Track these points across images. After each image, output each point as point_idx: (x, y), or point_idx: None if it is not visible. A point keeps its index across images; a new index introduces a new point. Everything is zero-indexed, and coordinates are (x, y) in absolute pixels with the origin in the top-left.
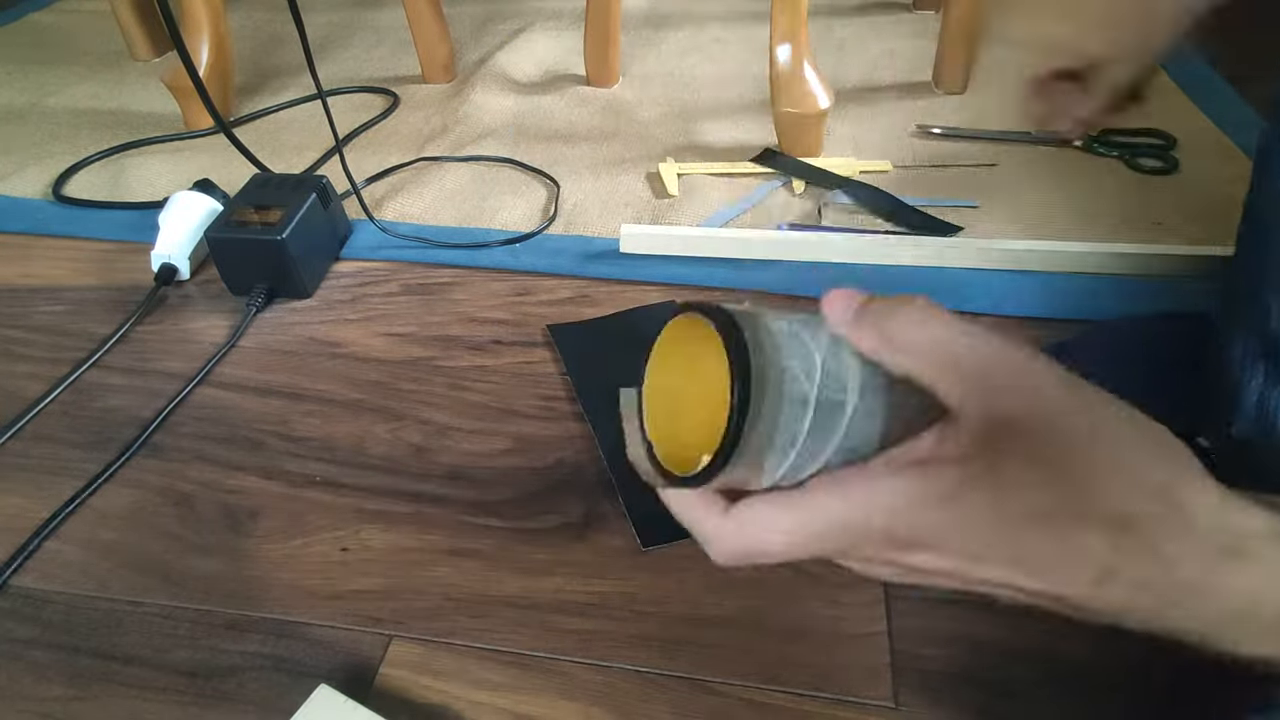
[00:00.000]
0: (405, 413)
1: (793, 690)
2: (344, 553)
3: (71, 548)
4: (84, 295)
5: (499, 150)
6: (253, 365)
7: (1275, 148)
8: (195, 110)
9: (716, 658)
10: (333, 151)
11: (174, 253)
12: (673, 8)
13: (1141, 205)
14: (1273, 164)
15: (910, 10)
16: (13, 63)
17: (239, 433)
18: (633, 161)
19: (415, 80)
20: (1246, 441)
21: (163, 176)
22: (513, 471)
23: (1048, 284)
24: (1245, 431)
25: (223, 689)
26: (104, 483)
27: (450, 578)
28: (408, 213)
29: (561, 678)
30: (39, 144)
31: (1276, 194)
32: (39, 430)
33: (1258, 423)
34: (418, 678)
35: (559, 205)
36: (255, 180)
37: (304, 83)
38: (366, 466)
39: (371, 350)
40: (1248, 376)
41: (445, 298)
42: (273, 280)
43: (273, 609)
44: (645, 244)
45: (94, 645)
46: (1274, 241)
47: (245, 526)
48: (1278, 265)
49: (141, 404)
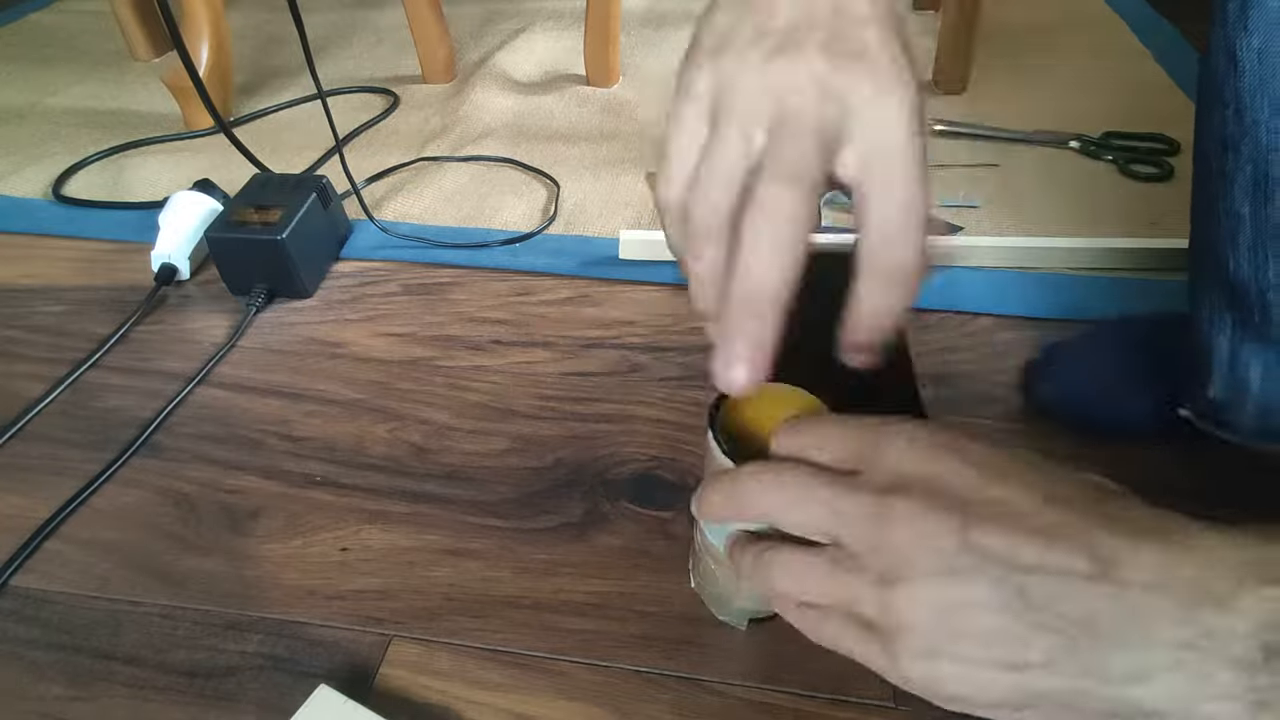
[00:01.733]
0: (405, 413)
1: (793, 690)
2: (344, 553)
3: (71, 548)
4: (84, 295)
5: (499, 150)
6: (253, 365)
7: (1212, 88)
8: (195, 110)
9: (716, 658)
10: (333, 151)
11: (174, 253)
12: (673, 8)
13: (1141, 205)
14: (1213, 107)
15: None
16: (13, 63)
17: (239, 433)
18: (633, 161)
19: (415, 80)
20: (1224, 403)
21: (163, 176)
22: (513, 471)
23: (1048, 284)
24: (1221, 391)
25: (223, 689)
26: (104, 483)
27: (450, 578)
28: (408, 213)
29: (561, 678)
30: (39, 144)
31: (1217, 137)
32: (39, 430)
33: (1231, 379)
34: (418, 678)
35: (559, 205)
36: (255, 180)
37: (304, 83)
38: (366, 466)
39: (371, 350)
40: (1216, 332)
41: (445, 298)
42: (273, 280)
43: (273, 609)
44: (644, 250)
45: (94, 645)
46: (1220, 189)
47: (245, 526)
48: (1228, 213)
49: (141, 404)
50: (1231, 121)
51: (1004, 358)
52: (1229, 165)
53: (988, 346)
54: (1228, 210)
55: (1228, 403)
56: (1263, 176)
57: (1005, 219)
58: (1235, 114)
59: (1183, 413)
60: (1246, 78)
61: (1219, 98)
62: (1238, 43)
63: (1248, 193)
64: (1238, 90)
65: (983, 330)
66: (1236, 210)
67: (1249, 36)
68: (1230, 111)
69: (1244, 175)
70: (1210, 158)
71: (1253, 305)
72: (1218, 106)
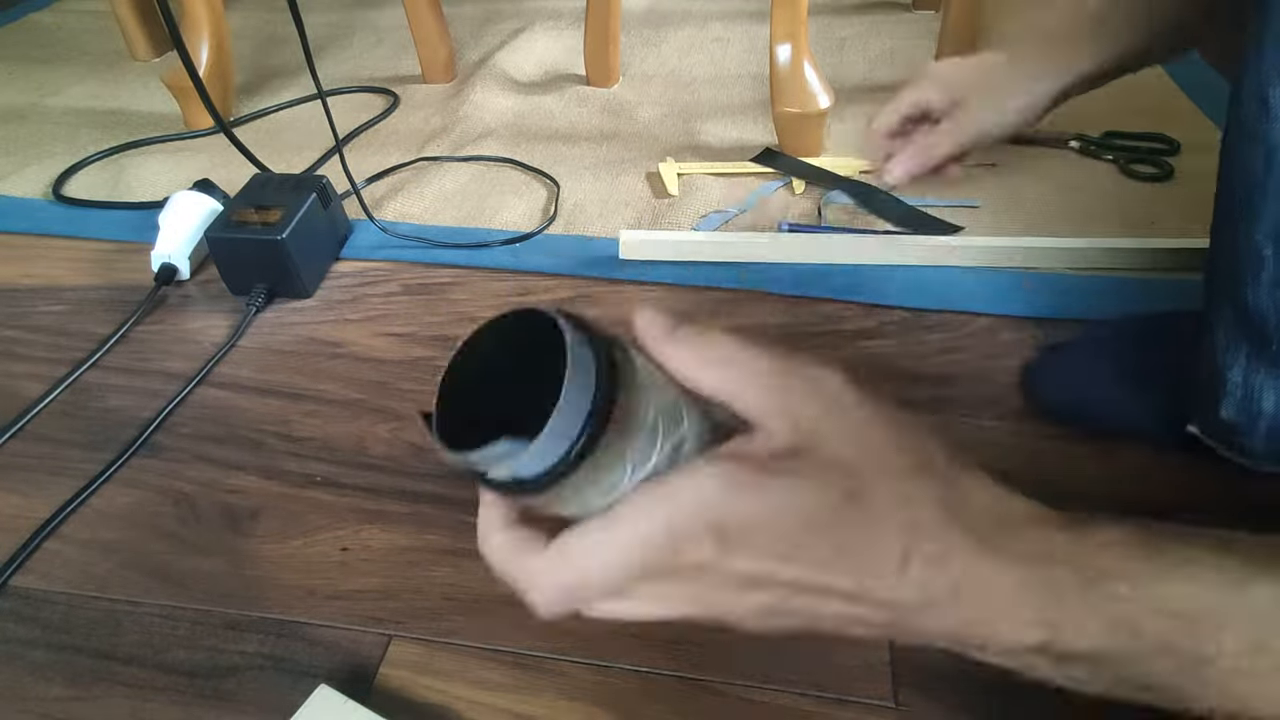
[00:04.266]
0: (405, 413)
1: (793, 690)
2: (344, 553)
3: (71, 548)
4: (84, 295)
5: (499, 150)
6: (253, 365)
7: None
8: (195, 110)
9: (716, 658)
10: (333, 151)
11: (174, 253)
12: (673, 7)
13: (1141, 205)
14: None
15: (910, 10)
16: (13, 63)
17: (239, 433)
18: (633, 161)
19: (415, 80)
20: (1234, 424)
21: (163, 176)
22: None
23: (1048, 284)
24: (1232, 413)
25: (223, 689)
26: (104, 483)
27: (450, 578)
28: (408, 213)
29: (561, 678)
30: (39, 144)
31: (1245, 176)
32: (39, 430)
33: (1244, 404)
34: (418, 678)
35: (559, 205)
36: (255, 180)
37: (304, 83)
38: (366, 466)
39: (371, 350)
40: (1231, 358)
41: (445, 298)
42: (273, 280)
43: (273, 609)
44: (644, 250)
45: (94, 645)
46: (1245, 225)
47: (245, 526)
48: (1251, 250)
49: (141, 404)
50: (1261, 161)
51: (1004, 358)
52: (1256, 203)
53: (988, 346)
54: (1251, 248)
55: (1240, 426)
56: None
57: (1005, 219)
58: (1265, 157)
59: (1190, 429)
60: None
61: (1250, 137)
62: (1271, 91)
63: (1271, 235)
64: (1268, 135)
65: (983, 330)
66: (1259, 249)
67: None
68: (1261, 153)
69: (1271, 216)
70: (1236, 192)
71: (1270, 337)
72: (1248, 145)
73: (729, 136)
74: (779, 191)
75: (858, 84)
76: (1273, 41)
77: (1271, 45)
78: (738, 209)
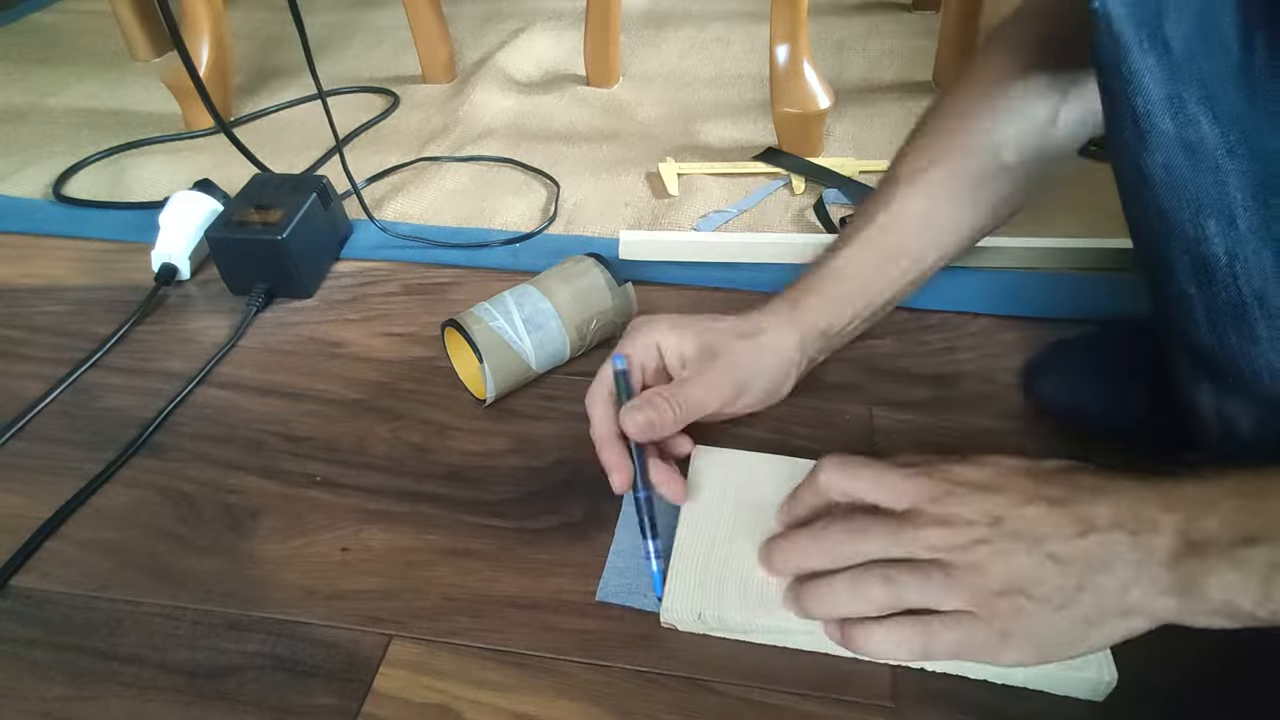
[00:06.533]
0: (405, 413)
1: (793, 690)
2: (344, 553)
3: (71, 548)
4: (84, 295)
5: (499, 150)
6: (253, 365)
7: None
8: (195, 110)
9: (716, 658)
10: (333, 151)
11: (174, 253)
12: (673, 8)
13: None
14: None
15: (910, 10)
16: (13, 63)
17: (239, 433)
18: (633, 161)
19: (415, 80)
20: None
21: (163, 176)
22: (513, 471)
23: (1048, 284)
24: (1214, 443)
25: (223, 689)
26: (104, 483)
27: (450, 578)
28: (408, 213)
29: (561, 678)
30: (39, 144)
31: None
32: (39, 430)
33: (1224, 434)
34: (418, 678)
35: (559, 205)
36: (255, 180)
37: (304, 83)
38: (366, 466)
39: (371, 350)
40: (1198, 394)
41: (445, 298)
42: (273, 280)
43: (273, 609)
44: (644, 250)
45: (94, 645)
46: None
47: (245, 526)
48: (1177, 293)
49: (141, 404)
50: (1156, 222)
51: (1004, 358)
52: (1165, 254)
53: (988, 346)
54: (1176, 291)
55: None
56: (1200, 262)
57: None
58: (1158, 216)
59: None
60: (1159, 189)
61: (1138, 202)
62: (1142, 160)
63: (1190, 276)
64: (1155, 198)
65: (983, 330)
66: (1183, 290)
67: (1150, 154)
68: (1152, 213)
69: (1183, 262)
70: (1146, 246)
71: (1224, 369)
72: (1139, 207)
73: (729, 136)
74: (779, 192)
75: (858, 84)
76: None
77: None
78: (738, 209)
